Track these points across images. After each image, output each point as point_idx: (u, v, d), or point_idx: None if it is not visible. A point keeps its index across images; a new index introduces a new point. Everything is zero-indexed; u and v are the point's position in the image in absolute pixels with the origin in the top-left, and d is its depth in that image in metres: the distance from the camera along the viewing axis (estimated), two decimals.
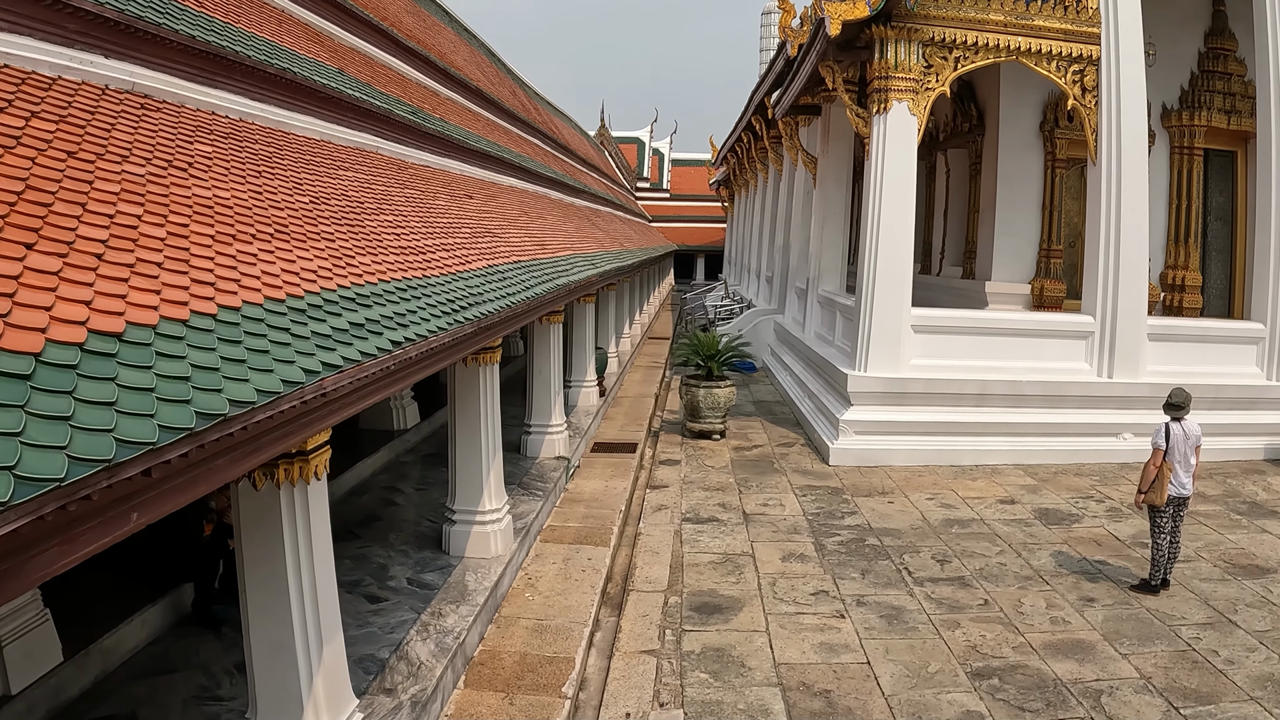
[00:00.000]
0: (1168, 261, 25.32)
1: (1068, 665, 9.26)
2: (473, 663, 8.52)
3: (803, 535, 13.07)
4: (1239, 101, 24.73)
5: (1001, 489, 15.91)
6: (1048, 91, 23.44)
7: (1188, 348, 19.37)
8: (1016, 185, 24.27)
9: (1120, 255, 18.44)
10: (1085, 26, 18.20)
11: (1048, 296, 23.90)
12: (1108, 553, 12.82)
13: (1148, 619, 10.62)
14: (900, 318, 17.68)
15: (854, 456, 17.17)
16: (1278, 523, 14.89)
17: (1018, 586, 11.42)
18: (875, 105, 17.68)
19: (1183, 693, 8.81)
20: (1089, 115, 18.49)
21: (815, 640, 9.63)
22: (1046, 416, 18.08)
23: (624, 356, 26.75)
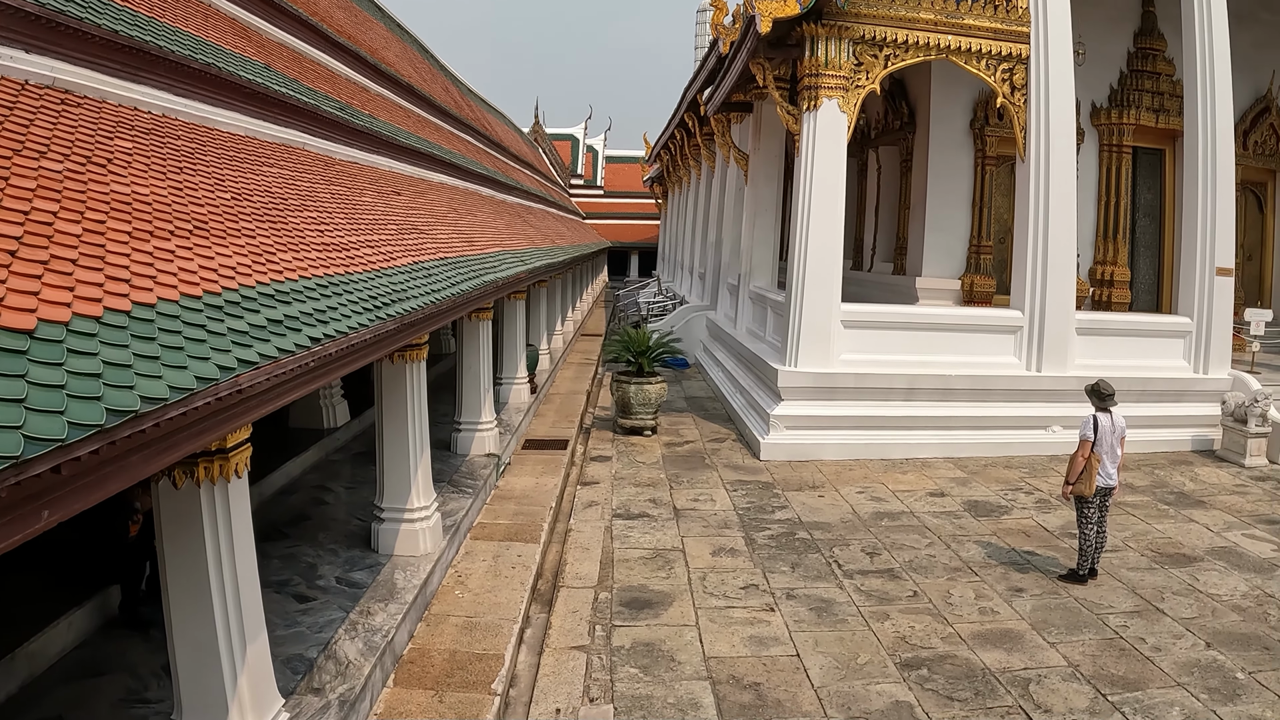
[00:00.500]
0: (1097, 257, 25.69)
1: (996, 655, 9.38)
2: (402, 661, 8.49)
3: (733, 530, 13.12)
4: (1167, 100, 25.15)
5: (931, 482, 16.09)
6: (978, 90, 23.68)
7: (1116, 341, 19.68)
8: (947, 182, 24.51)
9: (1049, 251, 18.68)
10: (1015, 25, 18.42)
11: (978, 292, 24.16)
12: (1036, 543, 13.00)
13: (1075, 608, 10.78)
14: (830, 313, 17.79)
15: (785, 451, 17.27)
16: (1204, 512, 15.17)
17: (947, 578, 11.56)
18: (806, 102, 17.78)
19: (1110, 680, 8.96)
20: (1018, 113, 18.71)
21: (745, 634, 9.68)
22: (976, 410, 18.29)
23: (556, 353, 26.74)
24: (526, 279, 15.76)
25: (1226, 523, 14.67)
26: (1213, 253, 20.02)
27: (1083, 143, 24.86)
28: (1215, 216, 19.93)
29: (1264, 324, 23.18)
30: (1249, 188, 28.19)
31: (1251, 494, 16.59)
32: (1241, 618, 10.84)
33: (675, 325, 30.81)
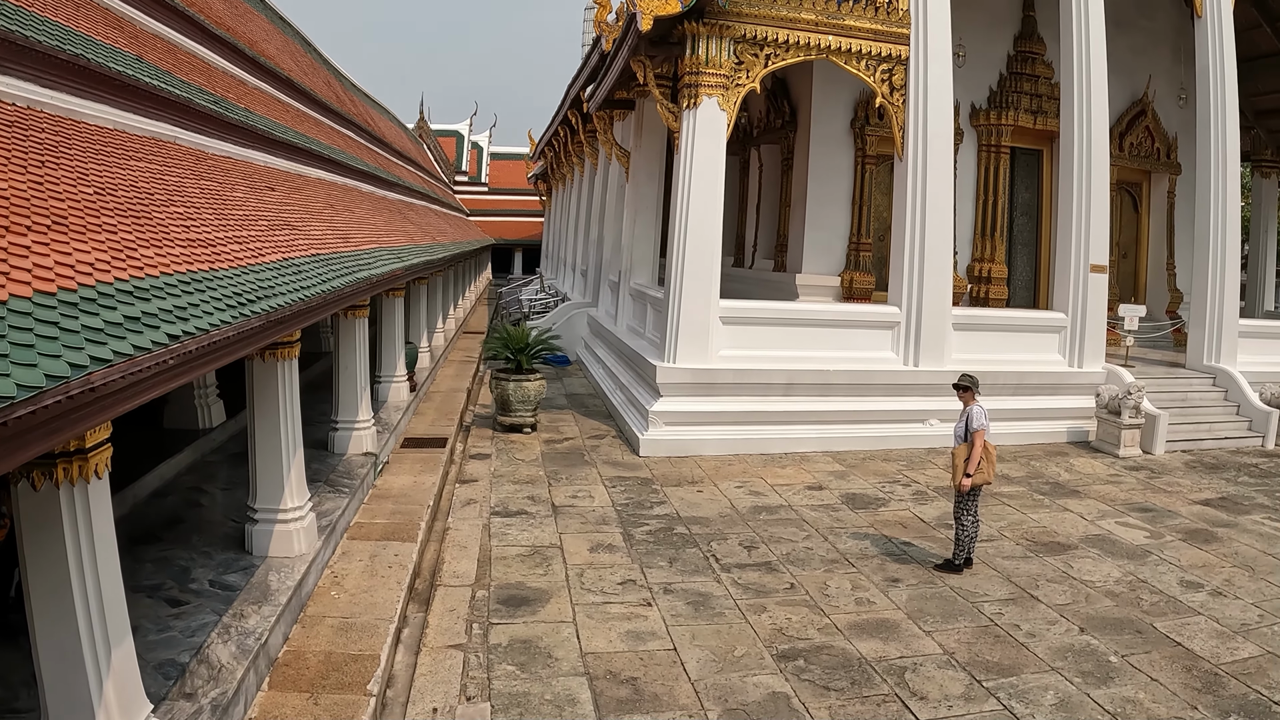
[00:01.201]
0: (975, 254, 26.16)
1: (872, 644, 9.54)
2: (277, 664, 8.35)
3: (611, 526, 13.15)
4: (1045, 102, 25.77)
5: (810, 475, 16.27)
6: (859, 90, 23.99)
7: (993, 336, 20.10)
8: (827, 180, 24.78)
9: (925, 249, 18.98)
10: (895, 27, 18.68)
11: (857, 288, 24.47)
12: (913, 534, 13.24)
13: (951, 597, 11.02)
14: (709, 309, 17.88)
15: (664, 447, 17.33)
16: (1079, 501, 15.61)
17: (824, 570, 11.71)
18: (686, 100, 17.84)
19: (985, 666, 9.18)
20: (897, 113, 18.98)
21: (622, 629, 9.70)
22: (855, 404, 18.53)
23: (437, 351, 26.52)
24: (403, 276, 15.58)
25: (1101, 511, 15.15)
26: (1087, 250, 20.54)
27: (962, 143, 25.30)
28: (1090, 215, 20.46)
29: (1138, 319, 23.82)
30: (1125, 188, 28.94)
31: (1125, 483, 17.11)
32: (1115, 603, 11.20)
33: (557, 322, 30.74)
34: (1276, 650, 10.11)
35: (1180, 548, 13.55)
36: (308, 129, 19.36)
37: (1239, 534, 14.43)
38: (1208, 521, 15.03)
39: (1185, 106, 28.25)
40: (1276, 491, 17.31)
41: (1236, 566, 12.86)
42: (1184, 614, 10.99)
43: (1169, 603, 11.32)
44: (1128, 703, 8.61)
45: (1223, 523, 15.01)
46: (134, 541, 10.13)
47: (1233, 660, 9.76)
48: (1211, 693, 8.95)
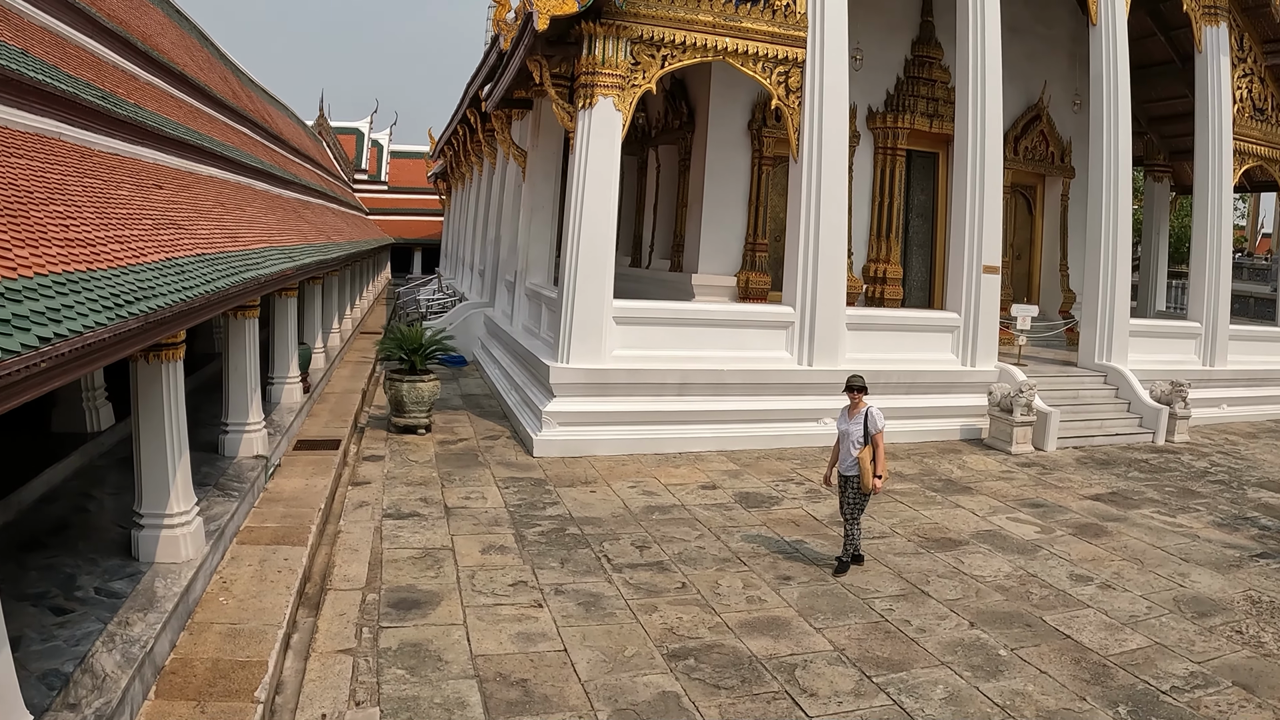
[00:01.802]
0: (870, 255, 26.48)
1: (763, 642, 9.56)
2: (163, 672, 8.17)
3: (504, 527, 13.04)
4: (942, 106, 26.16)
5: (704, 475, 16.30)
6: (757, 91, 24.10)
7: (887, 336, 20.33)
8: (724, 181, 24.87)
9: (820, 249, 19.11)
10: (793, 30, 18.79)
11: (753, 288, 24.58)
12: (805, 532, 13.32)
13: (842, 594, 11.10)
14: (602, 309, 17.84)
15: (558, 447, 17.24)
16: (971, 498, 15.85)
17: (716, 568, 11.73)
18: (582, 101, 17.79)
19: (876, 662, 9.26)
20: (792, 115, 19.08)
21: (513, 630, 9.61)
22: (749, 404, 18.60)
23: (332, 352, 26.18)
24: (294, 276, 15.33)
25: (992, 507, 15.38)
26: (981, 251, 20.86)
27: (858, 145, 25.58)
28: (983, 217, 20.78)
29: (1030, 319, 24.27)
30: (1019, 190, 29.51)
31: (1017, 479, 17.39)
32: (1005, 597, 11.36)
33: (454, 322, 30.49)
34: (1164, 641, 10.33)
35: (1070, 542, 13.81)
36: (201, 125, 19.01)
37: (1129, 528, 14.75)
38: (1098, 516, 15.34)
39: (1080, 112, 28.83)
40: (1166, 486, 17.70)
41: (1126, 560, 13.14)
42: (1073, 607, 11.19)
43: (1059, 596, 11.52)
44: (1017, 695, 8.73)
45: (1112, 517, 15.33)
46: (20, 549, 9.88)
47: (1121, 651, 9.96)
48: (1100, 684, 9.12)
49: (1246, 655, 10.14)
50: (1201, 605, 11.60)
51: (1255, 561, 13.56)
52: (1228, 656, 10.07)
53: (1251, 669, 9.78)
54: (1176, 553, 13.67)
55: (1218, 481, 18.55)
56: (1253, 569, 13.19)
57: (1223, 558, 13.62)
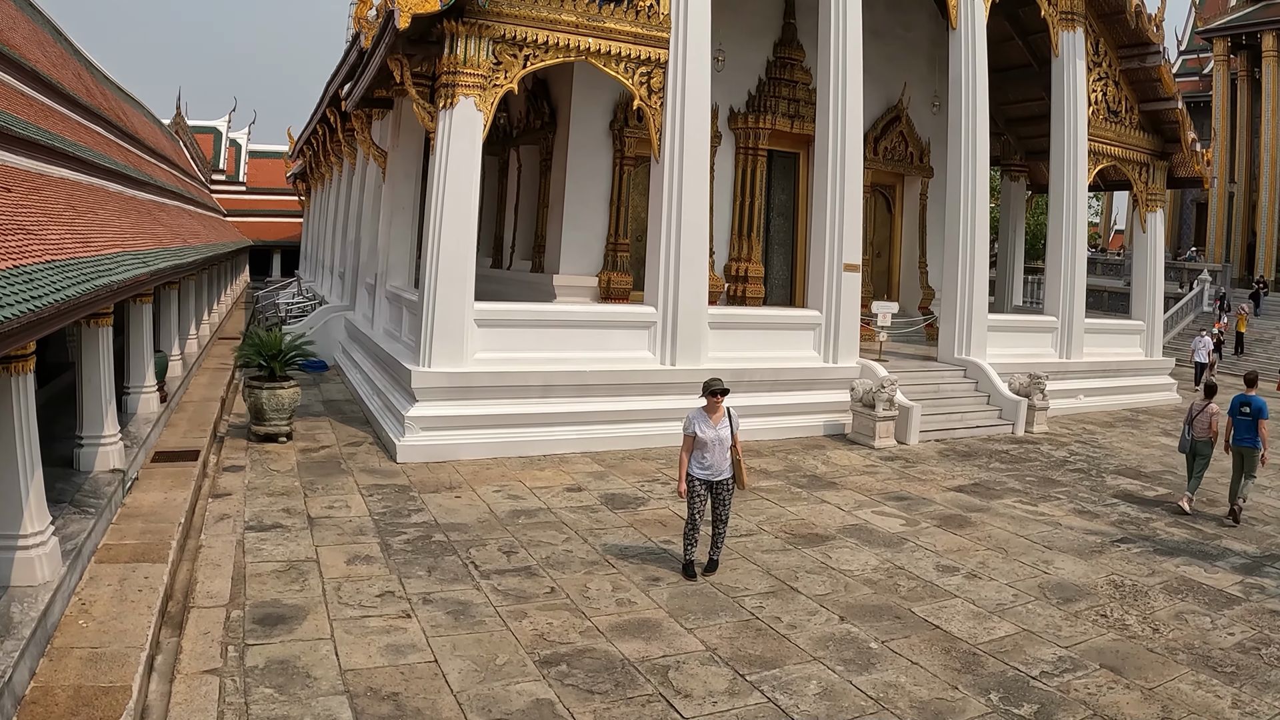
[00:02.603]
0: (732, 254, 26.60)
1: (635, 645, 9.40)
2: (24, 702, 7.77)
3: (369, 536, 12.64)
4: (803, 107, 26.42)
5: (569, 477, 16.10)
6: (619, 92, 24.03)
7: (749, 335, 20.41)
8: (586, 181, 24.78)
9: (682, 249, 19.11)
10: (656, 31, 18.73)
11: (615, 288, 24.53)
12: (672, 533, 13.14)
13: (712, 593, 10.98)
14: (464, 312, 17.55)
15: (422, 453, 16.87)
16: (836, 493, 15.90)
17: (584, 572, 11.52)
18: (443, 100, 17.51)
19: (748, 660, 9.16)
20: (654, 115, 19.04)
21: (382, 643, 9.28)
22: (613, 404, 18.47)
23: (190, 359, 25.50)
24: (149, 282, 14.85)
25: (858, 502, 15.45)
26: (841, 250, 21.07)
27: (719, 145, 25.69)
28: (844, 216, 21.01)
29: (890, 315, 24.62)
30: (879, 190, 29.97)
31: (881, 473, 17.53)
32: (873, 590, 11.38)
33: (314, 326, 29.89)
34: (1031, 628, 10.45)
35: (936, 534, 13.94)
36: (53, 124, 18.35)
37: (992, 518, 14.97)
38: (961, 507, 15.54)
39: (939, 113, 29.39)
40: (1027, 476, 18.03)
41: (990, 549, 13.30)
42: (941, 598, 11.27)
43: (926, 587, 11.59)
44: (890, 687, 8.73)
45: (976, 508, 15.54)
46: None
47: (990, 640, 10.05)
48: (971, 672, 9.18)
49: (1112, 638, 10.32)
50: (1066, 591, 11.78)
51: (1116, 547, 13.85)
52: (1094, 640, 10.23)
53: (1118, 651, 9.96)
54: (1040, 541, 13.90)
55: (1077, 470, 18.95)
56: (1114, 554, 13.47)
57: (1084, 544, 13.88)
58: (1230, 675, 9.64)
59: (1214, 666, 9.83)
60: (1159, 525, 15.29)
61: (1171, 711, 8.73)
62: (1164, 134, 29.51)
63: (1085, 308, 27.44)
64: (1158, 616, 11.18)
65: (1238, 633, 10.86)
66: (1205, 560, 13.57)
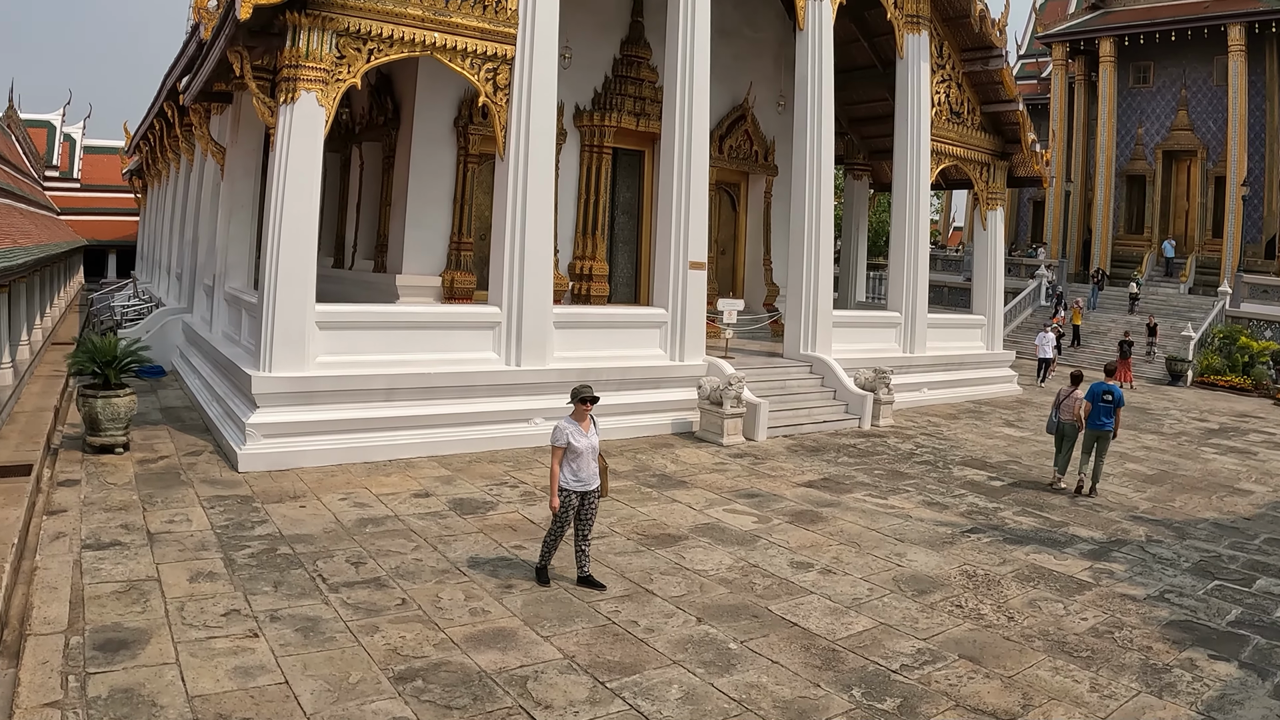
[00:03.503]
0: (576, 253, 26.49)
1: (491, 656, 9.15)
2: None
3: (212, 551, 12.02)
4: (649, 105, 26.47)
5: (416, 483, 15.68)
6: (464, 88, 23.71)
7: (595, 334, 20.32)
8: (429, 179, 24.40)
9: (526, 247, 18.88)
10: (503, 26, 18.47)
11: (459, 288, 24.19)
12: (524, 537, 12.92)
13: (566, 599, 10.77)
14: (305, 314, 17.00)
15: (264, 461, 16.22)
16: (687, 492, 15.83)
17: (435, 581, 11.19)
18: (284, 95, 16.99)
19: (607, 667, 8.99)
20: (500, 112, 18.79)
21: (230, 665, 8.80)
22: (459, 407, 18.12)
23: (22, 366, 24.46)
24: None
25: (709, 500, 15.40)
26: (687, 248, 21.09)
27: (565, 143, 25.48)
28: (690, 214, 21.04)
29: (736, 312, 24.77)
30: (724, 188, 30.17)
31: (730, 470, 17.54)
32: (729, 590, 11.32)
33: (151, 330, 28.82)
34: (889, 621, 10.53)
35: (788, 530, 13.97)
36: None
37: (843, 512, 15.09)
38: (812, 503, 15.61)
39: (784, 112, 29.66)
40: (875, 470, 18.24)
41: (843, 544, 13.38)
42: (797, 595, 11.28)
43: (782, 585, 11.59)
44: (752, 688, 8.67)
45: (827, 503, 15.64)
46: None
47: (848, 635, 10.09)
48: (832, 669, 9.19)
49: (969, 628, 10.45)
50: (920, 583, 11.91)
51: (967, 537, 14.08)
52: (951, 631, 10.35)
53: (975, 641, 10.09)
54: (891, 534, 14.06)
55: (924, 462, 19.25)
56: (965, 544, 13.69)
57: (936, 535, 14.09)
58: (1086, 660, 9.85)
59: (1070, 652, 10.04)
60: (1007, 515, 15.60)
61: (1032, 699, 8.85)
62: (1005, 135, 30.48)
63: (927, 303, 27.94)
64: (1012, 605, 11.37)
65: (1090, 618, 11.12)
66: (1054, 547, 13.89)
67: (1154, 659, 10.05)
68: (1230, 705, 9.09)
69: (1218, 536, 15.27)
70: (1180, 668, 9.87)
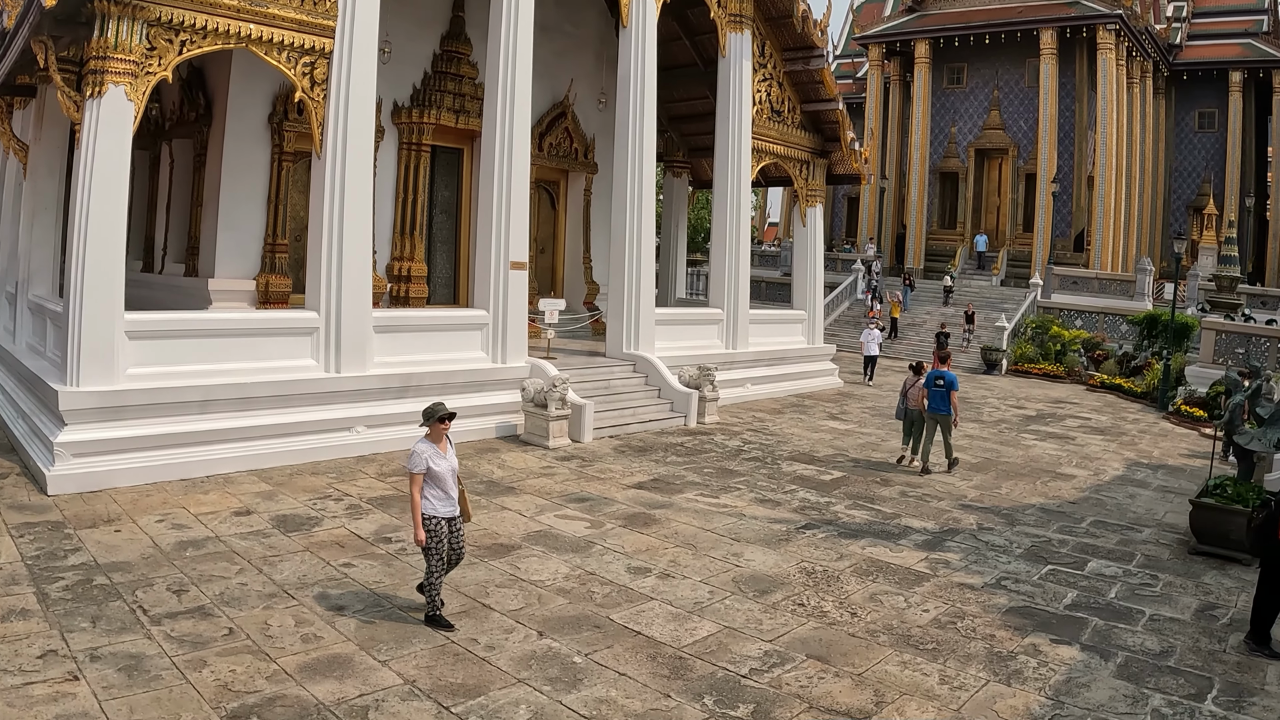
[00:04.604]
0: (394, 253, 25.97)
1: (328, 686, 8.65)
2: None
3: (22, 585, 11.00)
4: (469, 102, 26.11)
5: (237, 500, 14.82)
6: (280, 82, 22.92)
7: (416, 337, 19.89)
8: (243, 178, 23.55)
9: (344, 249, 18.30)
10: (321, 19, 17.83)
11: (274, 292, 23.41)
12: (352, 554, 12.39)
13: (401, 618, 10.32)
14: (113, 323, 16.05)
15: (75, 483, 15.14)
16: (516, 498, 15.51)
17: (263, 607, 10.53)
18: (91, 88, 16.07)
19: (450, 690, 8.63)
20: (317, 108, 18.18)
21: (50, 714, 8.02)
22: (278, 418, 17.36)
23: None
24: None
25: (539, 506, 15.09)
26: (507, 248, 20.82)
27: (383, 140, 24.90)
28: (510, 213, 20.78)
29: (558, 312, 24.60)
30: (543, 186, 30.02)
31: (559, 474, 17.29)
32: (568, 600, 11.07)
33: None
34: (733, 624, 10.45)
35: (623, 534, 13.79)
36: None
37: (676, 513, 14.98)
38: (644, 505, 15.47)
39: (605, 110, 29.61)
40: (705, 468, 18.21)
41: (679, 546, 13.27)
42: (637, 602, 11.11)
43: (621, 592, 11.41)
44: (602, 703, 8.47)
45: (659, 504, 15.52)
46: None
47: (694, 641, 9.98)
48: (681, 678, 9.05)
49: (814, 627, 10.45)
50: (761, 583, 11.88)
51: (802, 533, 14.14)
52: (796, 631, 10.33)
53: (821, 639, 10.09)
54: (727, 533, 14.01)
55: (753, 459, 19.32)
56: (801, 541, 13.74)
57: (771, 533, 14.11)
58: (933, 652, 9.95)
59: (916, 645, 10.13)
60: (840, 509, 15.76)
61: (884, 695, 8.88)
62: (824, 133, 31.07)
63: (749, 299, 28.21)
64: (853, 600, 11.42)
65: (932, 609, 11.26)
66: (889, 540, 14.06)
67: (998, 647, 10.23)
68: (1077, 688, 9.31)
69: (1046, 521, 15.73)
70: (1025, 654, 10.08)
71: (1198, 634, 11.08)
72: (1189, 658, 10.33)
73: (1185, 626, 11.30)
